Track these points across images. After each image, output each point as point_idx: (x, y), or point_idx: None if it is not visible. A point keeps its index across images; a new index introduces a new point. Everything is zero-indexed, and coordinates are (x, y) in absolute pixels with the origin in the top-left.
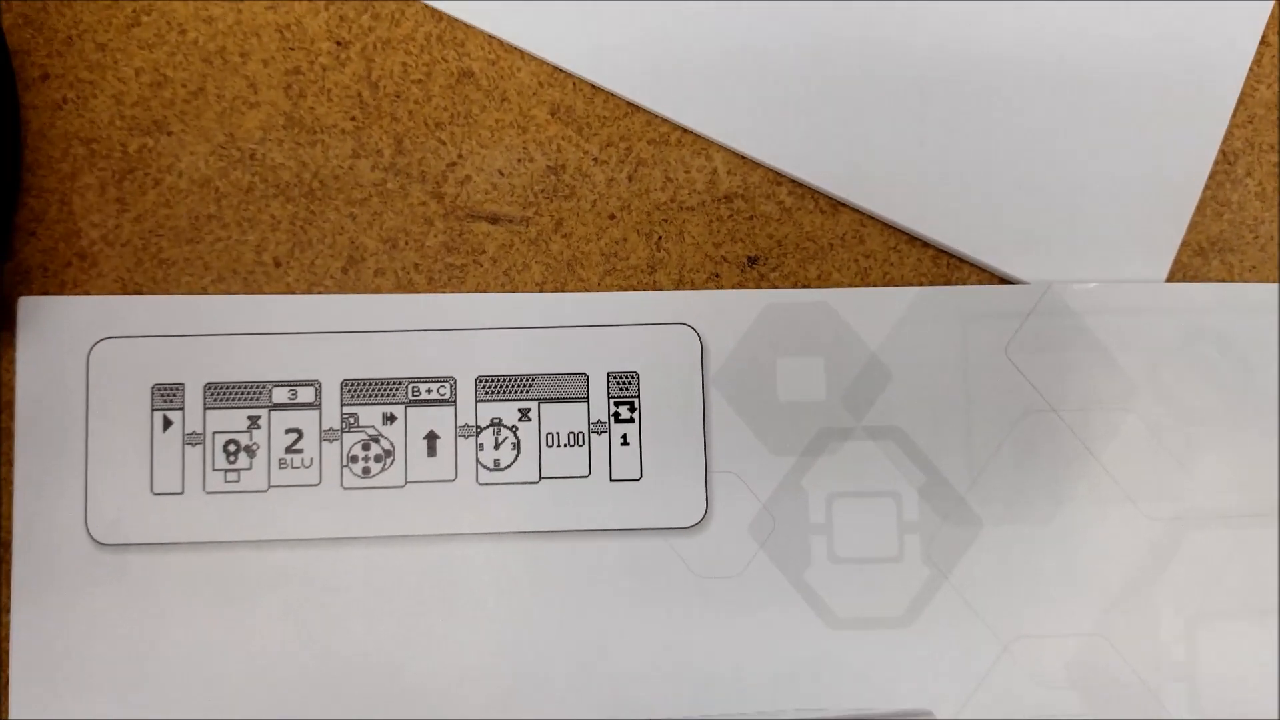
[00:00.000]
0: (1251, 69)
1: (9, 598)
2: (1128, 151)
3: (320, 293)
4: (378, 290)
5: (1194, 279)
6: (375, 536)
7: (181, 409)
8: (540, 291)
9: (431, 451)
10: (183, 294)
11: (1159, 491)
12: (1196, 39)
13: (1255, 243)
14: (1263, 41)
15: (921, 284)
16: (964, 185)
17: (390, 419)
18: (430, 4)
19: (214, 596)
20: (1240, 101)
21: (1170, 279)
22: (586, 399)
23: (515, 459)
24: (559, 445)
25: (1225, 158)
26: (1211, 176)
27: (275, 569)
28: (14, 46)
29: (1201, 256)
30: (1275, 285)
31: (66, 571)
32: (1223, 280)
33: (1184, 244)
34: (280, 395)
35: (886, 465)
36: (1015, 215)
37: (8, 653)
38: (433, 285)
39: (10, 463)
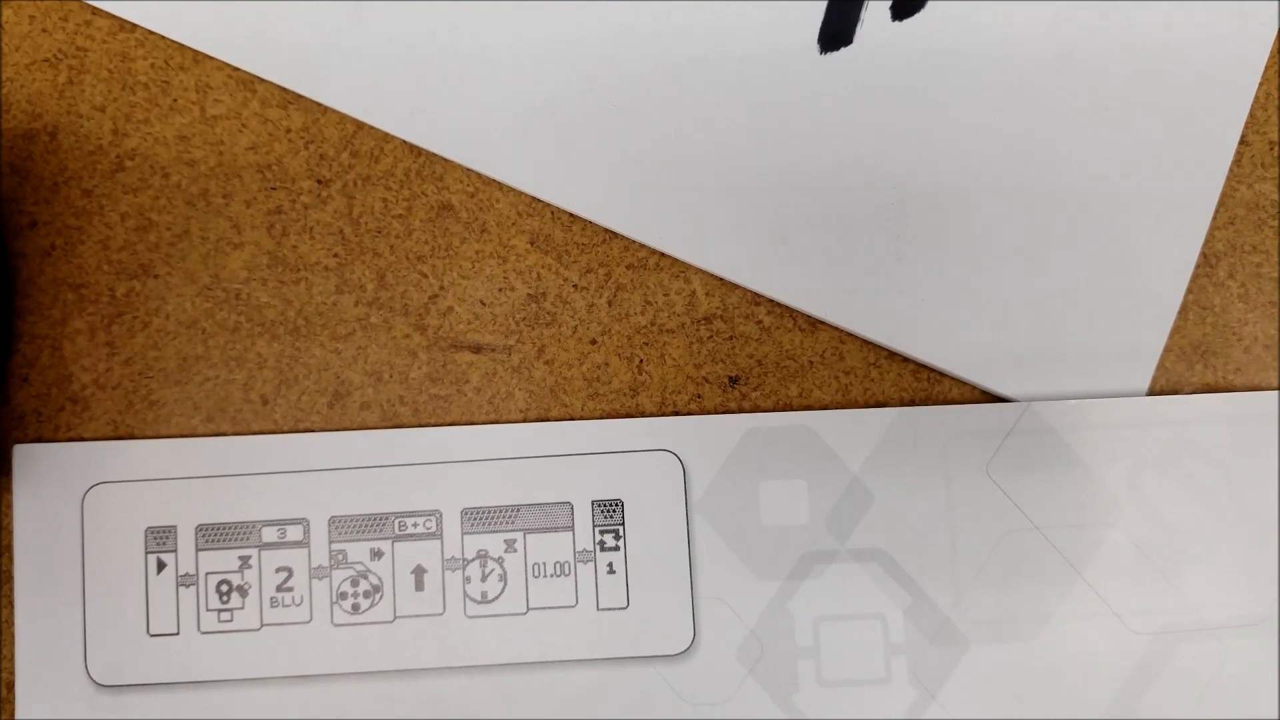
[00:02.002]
0: (1231, 169)
1: None
2: (1107, 261)
3: (307, 428)
4: (364, 424)
5: (1178, 385)
6: (366, 672)
7: (174, 551)
8: (524, 419)
9: (419, 585)
10: (173, 435)
11: (1145, 605)
12: (1175, 142)
13: (1239, 345)
14: (1242, 141)
15: (903, 399)
16: (941, 301)
17: (378, 554)
18: (409, 140)
19: None
20: (1221, 203)
21: (1153, 386)
22: (572, 528)
23: (502, 591)
24: (545, 575)
25: (1207, 260)
26: (1193, 280)
27: (270, 706)
28: (2, 194)
29: (1185, 362)
30: (1254, 395)
31: (68, 713)
32: (1208, 385)
33: (1167, 349)
34: (269, 535)
35: (871, 587)
36: (994, 330)
37: None
38: (418, 417)
39: (11, 605)
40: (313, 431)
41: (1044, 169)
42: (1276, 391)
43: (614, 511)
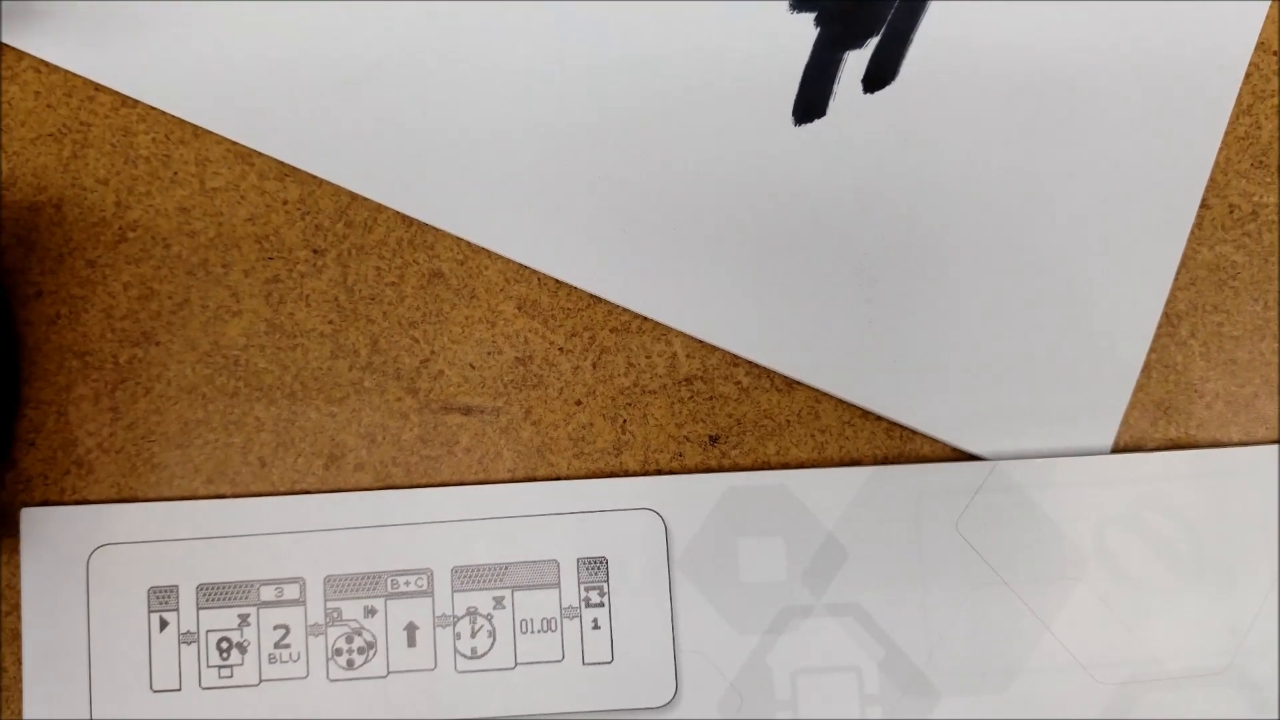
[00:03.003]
0: (1193, 232)
1: None
2: (1073, 321)
3: (304, 490)
4: (358, 485)
5: (1141, 441)
6: None
7: (176, 610)
8: (512, 478)
9: (411, 642)
10: (175, 497)
11: (1110, 657)
12: (1137, 207)
13: (1201, 401)
14: (1203, 205)
15: (876, 457)
16: (912, 362)
17: (371, 612)
18: (401, 210)
19: None
20: (1182, 264)
21: (1118, 443)
22: (558, 585)
23: (491, 646)
24: (533, 631)
25: (1169, 320)
26: (1156, 339)
27: None
28: (8, 266)
29: (1149, 418)
30: (1215, 451)
31: None
32: (1171, 441)
33: (1131, 406)
34: (268, 594)
35: (847, 641)
36: (963, 389)
37: None
38: (410, 477)
39: (20, 663)
40: (309, 493)
41: (1010, 234)
42: (1236, 448)
43: (599, 568)
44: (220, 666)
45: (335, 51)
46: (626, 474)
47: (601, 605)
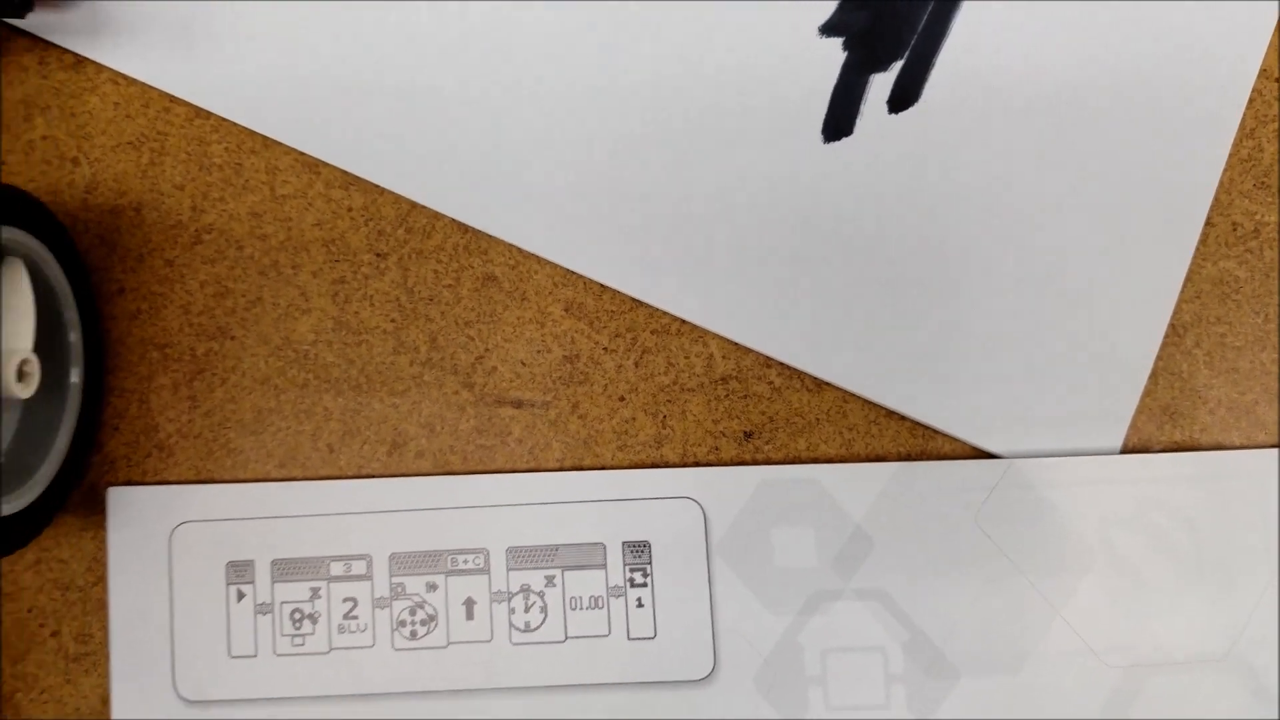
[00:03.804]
0: (1198, 248)
1: None
2: (1086, 330)
3: (368, 475)
4: (418, 471)
5: (1148, 443)
6: (423, 692)
7: (252, 583)
8: (561, 467)
9: (470, 615)
10: (249, 480)
11: (1117, 642)
12: (1146, 224)
13: (1205, 408)
14: (1208, 222)
15: (900, 454)
16: (935, 365)
17: (433, 587)
18: (457, 218)
19: None
20: (1188, 278)
21: (1126, 444)
22: (604, 566)
23: (543, 621)
24: (581, 608)
25: (1175, 330)
26: (1163, 348)
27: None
28: (92, 265)
29: (1155, 423)
30: (1216, 454)
31: None
32: (1176, 444)
33: (1139, 411)
34: (337, 569)
35: (873, 623)
36: (982, 392)
37: None
38: (466, 465)
39: (107, 631)
40: (373, 477)
41: (1026, 247)
42: (1237, 451)
43: (642, 552)
44: (293, 635)
45: (396, 68)
46: (667, 465)
47: (645, 585)
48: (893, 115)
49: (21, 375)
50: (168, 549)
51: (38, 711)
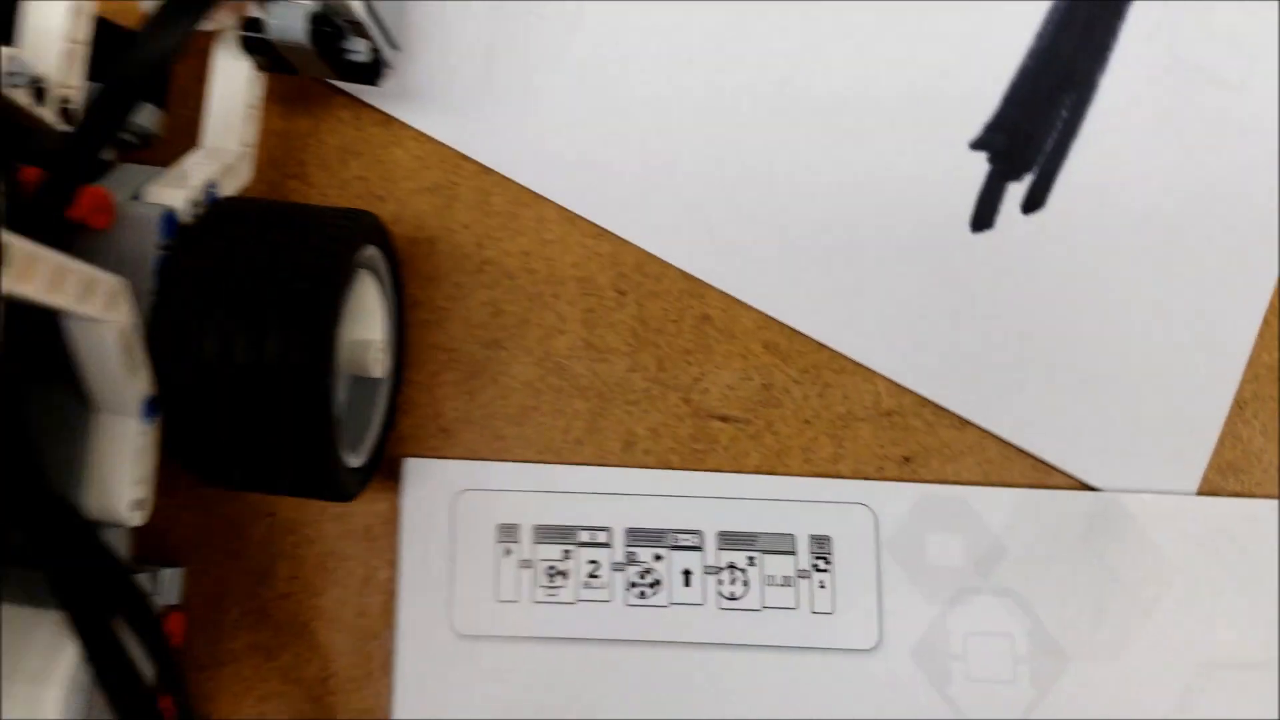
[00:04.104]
0: (1256, 341)
1: (394, 674)
2: (1168, 398)
3: (607, 465)
4: (645, 465)
5: (1215, 491)
6: (648, 641)
7: (518, 542)
8: (758, 472)
9: (687, 583)
10: (515, 461)
11: (1192, 644)
12: (1218, 317)
13: (1259, 467)
14: (1264, 320)
15: (1026, 482)
16: (1054, 414)
17: (659, 558)
18: (682, 268)
19: (538, 673)
20: (1249, 364)
21: (1200, 489)
22: (794, 553)
23: (745, 593)
24: (776, 585)
25: (1238, 405)
26: (1229, 419)
27: (580, 659)
28: (402, 282)
29: (1221, 475)
30: (1267, 501)
31: (437, 654)
32: (1236, 491)
33: (1210, 464)
34: (584, 536)
35: (1004, 615)
36: (1091, 440)
37: (392, 711)
38: (684, 463)
39: (397, 577)
40: (611, 466)
41: (1126, 329)
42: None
43: (825, 544)
44: (547, 587)
45: (639, 143)
46: (842, 478)
47: (826, 571)
48: (1024, 215)
49: (373, 360)
50: (450, 512)
51: (335, 638)
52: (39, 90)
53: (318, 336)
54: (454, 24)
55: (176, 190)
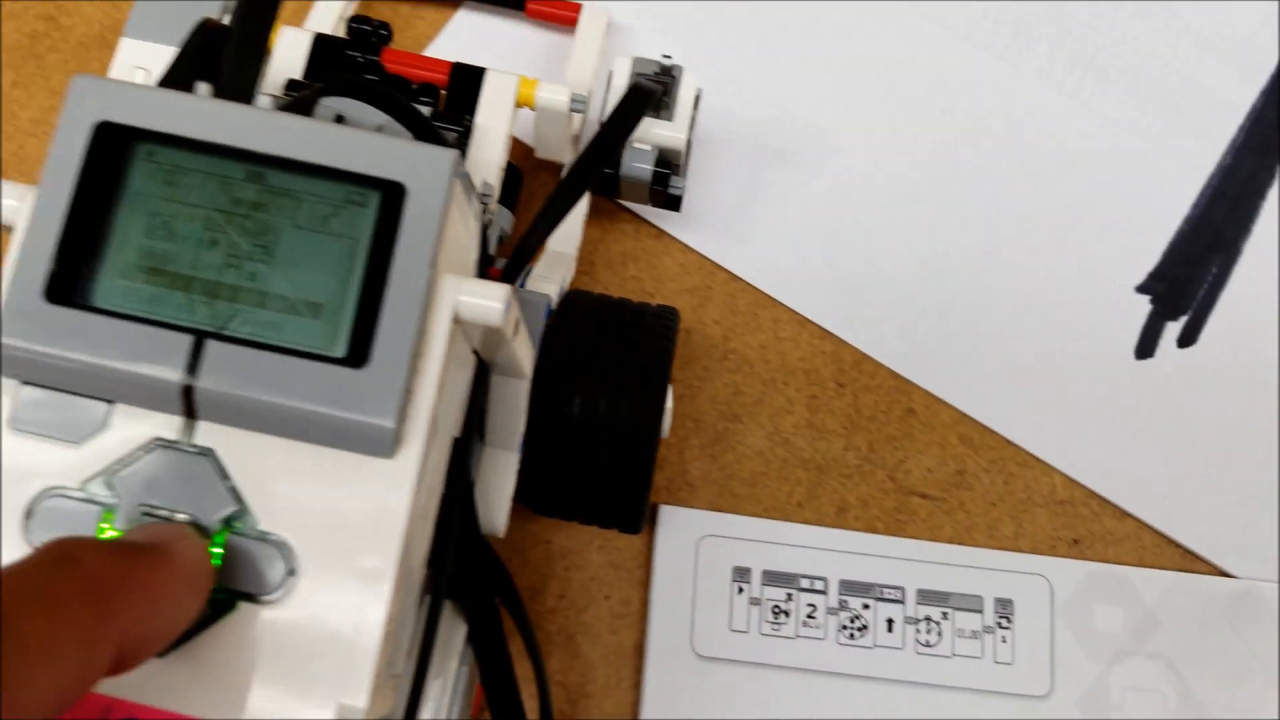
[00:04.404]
0: None
1: (643, 685)
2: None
3: (824, 526)
4: (855, 528)
5: None
6: (854, 675)
7: (749, 583)
8: (951, 543)
9: (889, 630)
10: (747, 515)
11: None
12: None
13: None
14: None
15: (1176, 566)
16: (1202, 511)
17: (866, 607)
18: (891, 368)
19: (762, 694)
20: None
21: None
22: (981, 612)
23: (939, 642)
24: (964, 637)
25: None
26: None
27: (796, 685)
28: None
29: None
30: None
31: (679, 671)
32: None
33: None
34: (804, 583)
35: (1157, 676)
36: (1232, 537)
37: (640, 714)
38: (888, 530)
39: (648, 603)
40: (827, 527)
41: (1275, 446)
42: None
43: (1007, 606)
44: (772, 623)
45: (859, 263)
46: (1022, 553)
47: (1008, 629)
48: (1179, 349)
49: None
50: (695, 552)
51: (591, 649)
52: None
53: (656, 400)
54: (718, 163)
55: (550, 284)
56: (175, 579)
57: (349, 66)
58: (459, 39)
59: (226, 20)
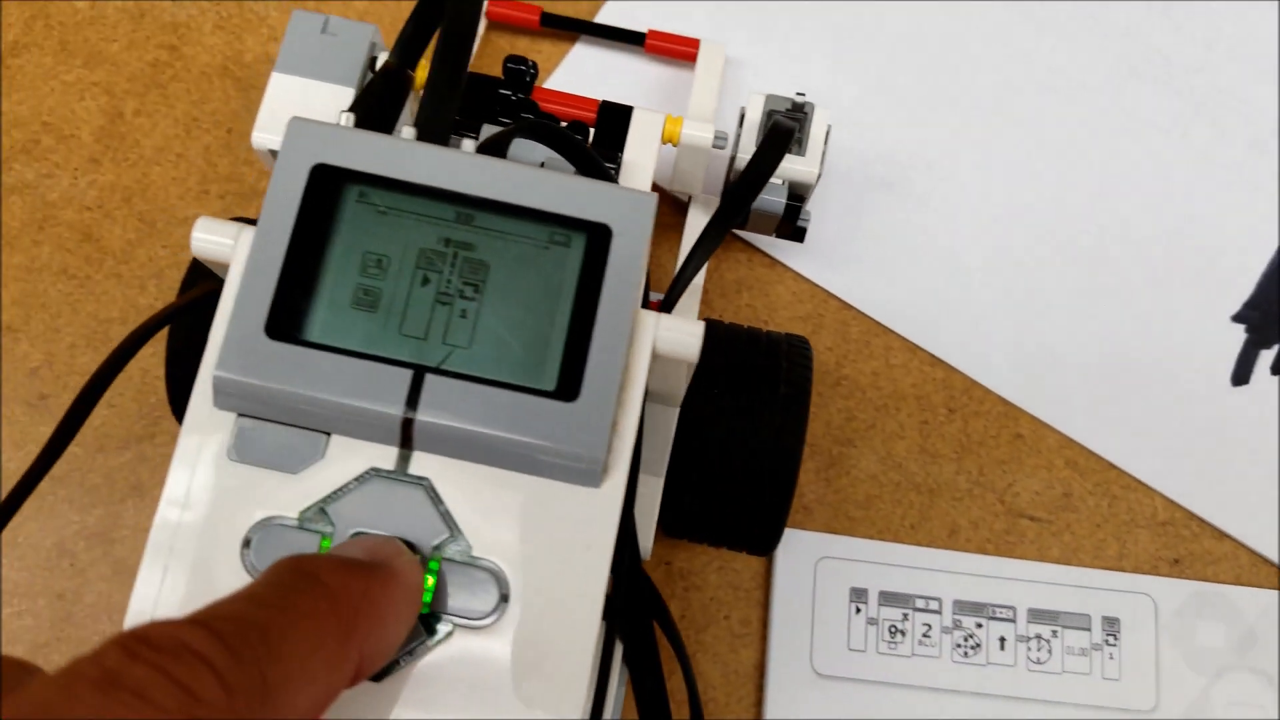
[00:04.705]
0: None
1: (765, 701)
2: None
3: (935, 546)
4: (966, 550)
5: None
6: (969, 693)
7: (866, 603)
8: (1058, 563)
9: (1001, 647)
10: (861, 538)
11: None
12: None
13: None
14: None
15: (1273, 586)
16: None
17: (979, 626)
18: (1000, 394)
19: (880, 710)
20: None
21: None
22: (1089, 630)
23: (1049, 659)
24: (1073, 654)
25: None
26: None
27: (912, 701)
28: None
29: None
30: None
31: (799, 687)
32: None
33: None
34: (919, 604)
35: (1258, 689)
36: None
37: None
38: (998, 551)
39: (768, 623)
40: (939, 549)
41: None
42: None
43: (1114, 624)
44: (889, 641)
45: (968, 293)
46: (1125, 572)
47: (1114, 646)
48: (1273, 375)
49: None
50: (813, 573)
51: (710, 668)
52: None
53: (799, 427)
54: (829, 193)
55: (691, 314)
56: (401, 597)
57: (505, 104)
58: (577, 72)
59: (380, 59)
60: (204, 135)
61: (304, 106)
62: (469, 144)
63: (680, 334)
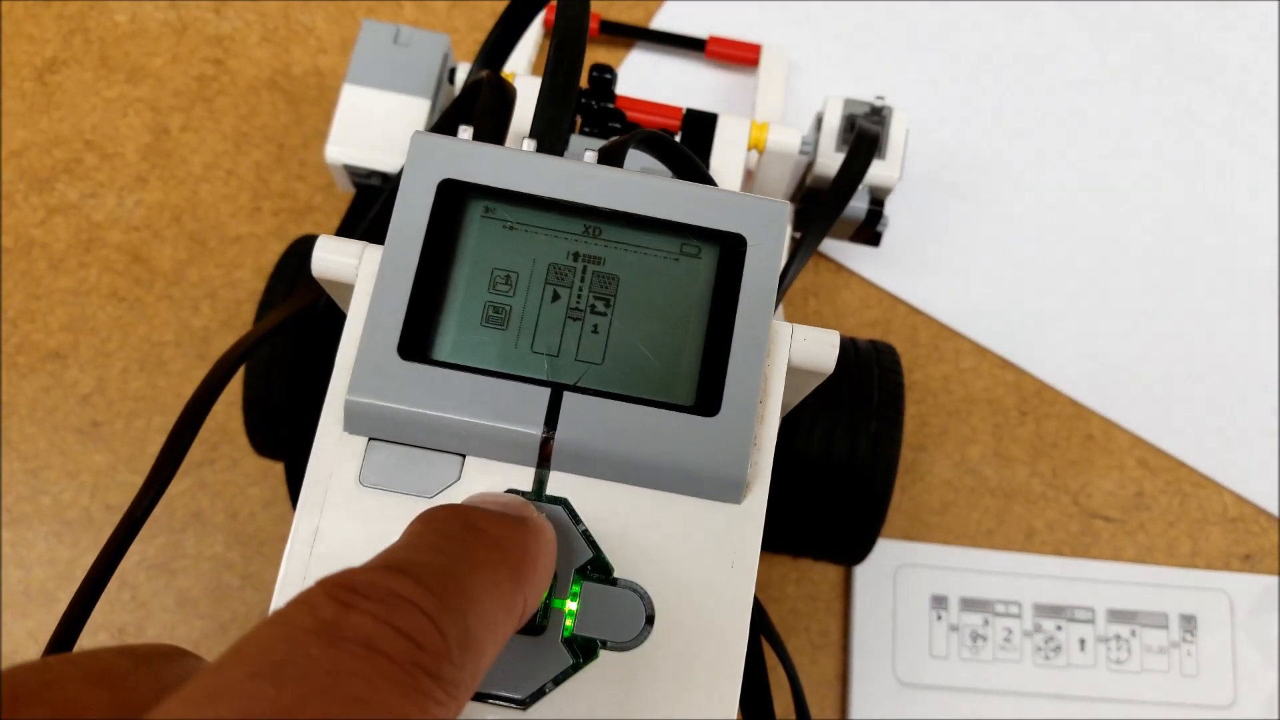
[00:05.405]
0: None
1: (849, 710)
2: None
3: (1012, 551)
4: (1043, 552)
5: None
6: (1051, 695)
7: (946, 610)
8: (1133, 563)
9: (1081, 649)
10: (937, 544)
11: None
12: None
13: None
14: None
15: None
16: None
17: (1059, 628)
18: (1071, 396)
19: (964, 715)
20: None
21: None
22: (1167, 628)
23: (1128, 658)
24: (1152, 653)
25: None
26: None
27: (996, 706)
28: None
29: None
30: None
31: (882, 696)
32: None
33: None
34: (999, 609)
35: None
36: None
37: None
38: (1073, 552)
39: (849, 633)
40: (1016, 552)
41: None
42: None
43: (1191, 621)
44: (970, 647)
45: (1037, 296)
46: (1198, 569)
47: (1192, 643)
48: None
49: None
50: (893, 581)
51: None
52: None
53: (894, 436)
54: (897, 198)
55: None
56: (548, 549)
57: (588, 114)
58: (636, 75)
59: (461, 71)
60: (254, 150)
61: (378, 118)
62: (590, 155)
63: (817, 344)
